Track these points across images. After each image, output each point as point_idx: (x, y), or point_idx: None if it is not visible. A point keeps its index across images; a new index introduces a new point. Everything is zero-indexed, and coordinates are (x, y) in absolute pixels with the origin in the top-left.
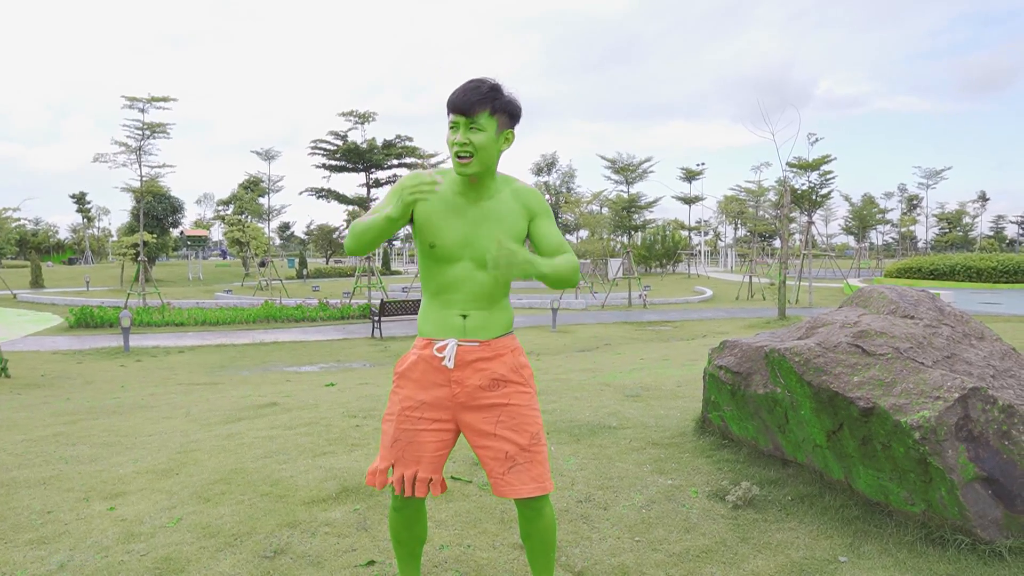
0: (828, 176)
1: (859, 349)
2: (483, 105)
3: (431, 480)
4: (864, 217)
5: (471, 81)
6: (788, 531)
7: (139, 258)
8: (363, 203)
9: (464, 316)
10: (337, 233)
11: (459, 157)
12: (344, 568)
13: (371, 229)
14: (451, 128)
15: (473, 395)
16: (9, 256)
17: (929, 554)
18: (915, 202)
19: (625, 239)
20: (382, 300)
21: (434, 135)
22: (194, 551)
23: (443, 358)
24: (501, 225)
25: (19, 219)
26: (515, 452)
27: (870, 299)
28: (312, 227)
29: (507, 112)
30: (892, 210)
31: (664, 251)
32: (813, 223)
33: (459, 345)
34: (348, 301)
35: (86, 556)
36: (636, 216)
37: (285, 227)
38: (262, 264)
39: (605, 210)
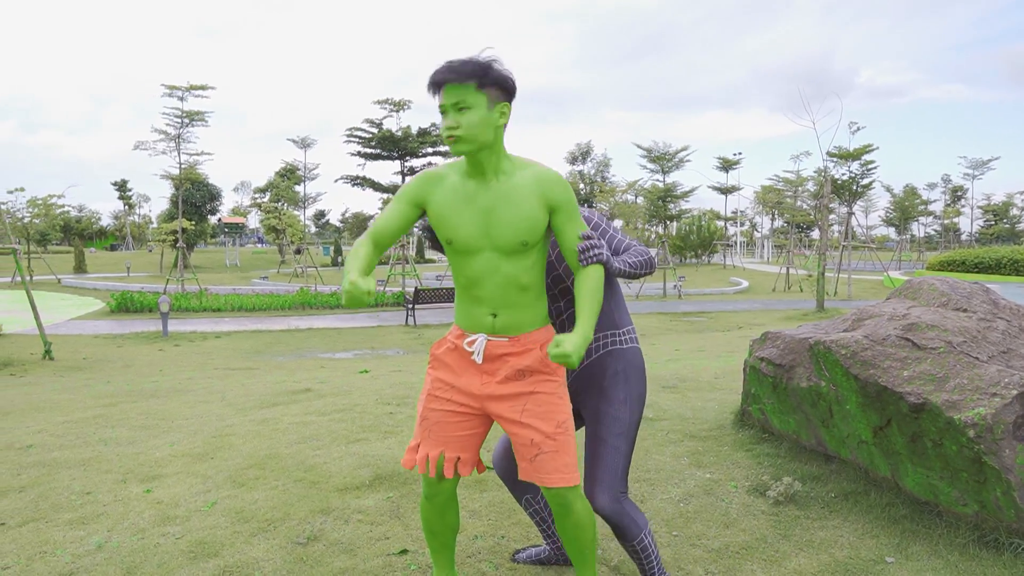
0: (869, 166)
1: (909, 342)
2: (464, 79)
3: (459, 459)
4: (906, 208)
5: (452, 60)
6: (832, 529)
7: (178, 244)
8: (397, 191)
9: (494, 315)
10: (372, 221)
11: (449, 139)
12: (377, 556)
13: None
14: (442, 114)
15: (501, 385)
16: (54, 242)
17: (983, 557)
18: (959, 193)
19: (660, 229)
20: (416, 288)
21: None
22: (228, 535)
23: (472, 352)
24: (515, 209)
25: (63, 206)
26: (540, 439)
27: (920, 291)
28: (347, 215)
29: (497, 85)
30: (935, 201)
31: (699, 241)
32: (853, 214)
33: (488, 340)
34: (382, 289)
35: (123, 537)
36: (672, 206)
37: (320, 215)
38: (298, 251)
39: (640, 199)
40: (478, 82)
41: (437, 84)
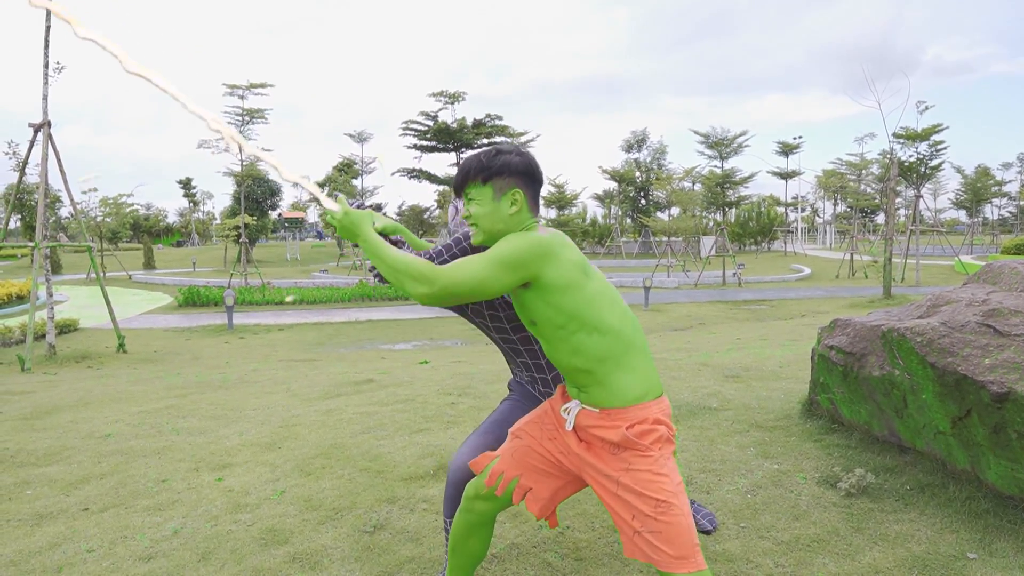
0: (939, 146)
1: (991, 329)
2: (470, 178)
3: (531, 490)
4: (978, 190)
5: (468, 157)
6: (908, 523)
7: (241, 240)
8: (453, 183)
9: (578, 388)
10: (428, 213)
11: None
12: (442, 546)
13: None
14: None
15: (596, 455)
16: (125, 239)
17: None
18: None
19: (719, 216)
20: None
21: (522, 115)
22: (297, 523)
23: (565, 420)
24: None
25: (133, 204)
26: (641, 518)
27: (1000, 275)
28: (403, 208)
29: (503, 174)
30: (1010, 182)
31: (759, 228)
32: (921, 197)
33: (582, 409)
34: None
35: (197, 524)
36: (730, 192)
37: (377, 207)
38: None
39: (698, 186)
40: (482, 177)
41: (454, 189)
